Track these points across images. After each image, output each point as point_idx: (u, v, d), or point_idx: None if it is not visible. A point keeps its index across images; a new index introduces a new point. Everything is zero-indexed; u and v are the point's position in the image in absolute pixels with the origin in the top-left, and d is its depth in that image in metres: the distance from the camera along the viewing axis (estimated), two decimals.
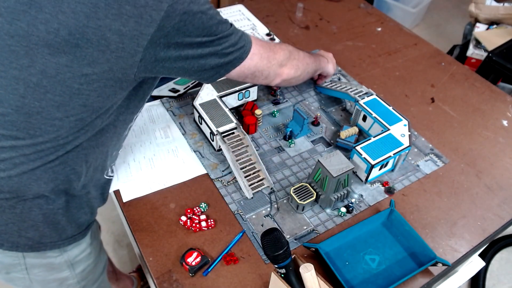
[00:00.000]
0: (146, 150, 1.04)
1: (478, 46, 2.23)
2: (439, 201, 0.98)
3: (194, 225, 0.89)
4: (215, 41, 0.72)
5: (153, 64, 0.67)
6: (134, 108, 0.77)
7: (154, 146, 1.05)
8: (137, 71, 0.66)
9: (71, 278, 0.89)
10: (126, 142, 1.03)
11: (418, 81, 1.31)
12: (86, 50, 0.60)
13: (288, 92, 1.23)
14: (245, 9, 1.57)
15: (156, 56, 0.65)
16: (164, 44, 0.65)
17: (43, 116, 0.64)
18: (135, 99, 0.75)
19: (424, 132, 1.14)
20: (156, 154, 1.03)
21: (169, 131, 1.09)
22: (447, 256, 0.88)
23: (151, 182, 0.97)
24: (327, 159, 0.89)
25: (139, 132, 1.08)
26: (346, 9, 1.62)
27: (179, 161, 1.02)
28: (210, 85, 1.10)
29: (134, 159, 1.02)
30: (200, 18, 0.67)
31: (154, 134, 1.08)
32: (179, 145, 1.06)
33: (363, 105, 1.06)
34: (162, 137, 1.07)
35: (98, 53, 0.60)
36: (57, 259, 0.82)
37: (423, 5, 3.04)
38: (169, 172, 0.99)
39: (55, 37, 0.58)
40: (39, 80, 0.61)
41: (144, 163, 1.01)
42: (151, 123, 1.10)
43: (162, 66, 0.68)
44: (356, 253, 0.86)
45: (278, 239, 0.68)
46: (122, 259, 1.80)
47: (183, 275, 0.82)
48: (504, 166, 1.07)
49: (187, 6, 0.64)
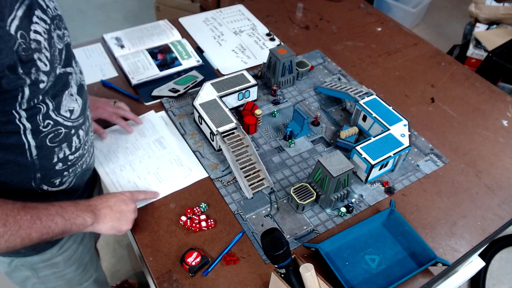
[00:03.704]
0: (147, 165, 1.01)
1: (478, 46, 2.23)
2: (439, 201, 0.98)
3: (194, 225, 0.89)
4: None
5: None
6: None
7: (155, 160, 1.02)
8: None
9: (34, 278, 0.92)
10: (124, 161, 1.01)
11: (418, 81, 1.31)
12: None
13: (288, 92, 1.23)
14: (245, 9, 1.57)
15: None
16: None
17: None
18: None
19: (424, 132, 1.14)
20: (159, 167, 1.00)
21: (164, 142, 1.06)
22: (447, 256, 0.88)
23: (162, 193, 0.96)
24: (327, 159, 0.89)
25: (133, 148, 1.04)
26: (346, 9, 1.62)
27: (185, 169, 1.00)
28: (210, 85, 1.10)
29: (139, 176, 0.98)
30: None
31: (150, 147, 1.05)
32: (180, 154, 1.04)
33: (363, 105, 1.06)
34: (159, 149, 1.04)
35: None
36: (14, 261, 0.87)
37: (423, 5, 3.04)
38: (177, 181, 0.98)
39: None
40: None
41: (150, 178, 0.98)
42: (142, 137, 1.07)
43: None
44: (356, 253, 0.86)
45: (278, 239, 0.68)
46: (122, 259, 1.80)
47: (183, 275, 0.82)
48: (504, 166, 1.07)
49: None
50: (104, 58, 1.30)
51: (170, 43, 1.35)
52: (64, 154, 0.77)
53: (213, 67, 1.30)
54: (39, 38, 0.63)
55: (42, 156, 0.73)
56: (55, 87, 0.69)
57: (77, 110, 0.77)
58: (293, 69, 1.21)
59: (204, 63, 1.30)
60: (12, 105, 0.64)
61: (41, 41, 0.63)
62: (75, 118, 0.77)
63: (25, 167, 0.73)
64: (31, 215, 0.67)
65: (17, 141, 0.69)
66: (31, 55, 0.62)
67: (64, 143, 0.76)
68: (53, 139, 0.74)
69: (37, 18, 0.64)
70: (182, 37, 1.39)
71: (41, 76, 0.65)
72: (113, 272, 1.75)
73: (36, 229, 0.67)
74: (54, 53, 0.67)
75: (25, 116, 0.67)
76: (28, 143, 0.70)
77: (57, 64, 0.68)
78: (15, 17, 0.59)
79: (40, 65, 0.64)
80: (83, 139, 0.82)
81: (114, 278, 1.72)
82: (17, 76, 0.61)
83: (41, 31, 0.64)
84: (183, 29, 1.45)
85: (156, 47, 1.33)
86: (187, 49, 1.33)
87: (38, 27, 0.63)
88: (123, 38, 1.35)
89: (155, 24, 1.43)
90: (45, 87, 0.66)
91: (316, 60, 1.35)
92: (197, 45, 1.38)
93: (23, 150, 0.70)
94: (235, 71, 1.19)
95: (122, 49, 1.31)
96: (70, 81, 0.74)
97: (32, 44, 0.62)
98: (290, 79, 1.23)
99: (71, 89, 0.75)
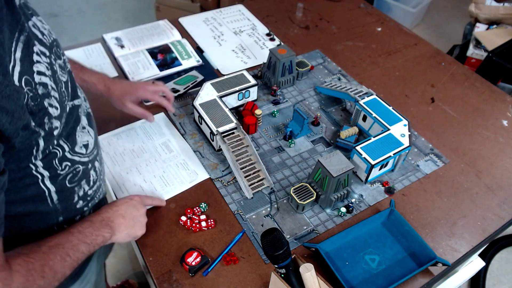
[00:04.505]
0: (153, 168, 1.00)
1: (478, 46, 2.23)
2: (439, 201, 0.98)
3: (194, 225, 0.89)
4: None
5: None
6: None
7: (161, 163, 1.01)
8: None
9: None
10: (130, 163, 1.01)
11: (418, 81, 1.31)
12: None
13: (288, 92, 1.23)
14: (245, 9, 1.57)
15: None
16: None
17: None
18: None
19: (424, 132, 1.14)
20: (165, 171, 1.00)
21: (171, 145, 1.06)
22: (447, 256, 0.88)
23: (168, 197, 0.95)
24: (327, 159, 0.89)
25: (140, 151, 1.04)
26: (346, 9, 1.62)
27: (191, 173, 1.00)
28: (210, 85, 1.10)
29: (144, 179, 0.98)
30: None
31: (156, 150, 1.04)
32: (186, 158, 1.03)
33: (363, 105, 1.06)
34: (165, 152, 1.04)
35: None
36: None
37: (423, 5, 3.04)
38: (183, 186, 0.97)
39: None
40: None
41: (156, 182, 0.97)
42: (149, 140, 1.07)
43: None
44: (356, 253, 0.86)
45: (278, 239, 0.68)
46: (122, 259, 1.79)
47: (183, 275, 0.82)
48: (504, 166, 1.07)
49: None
50: (104, 58, 1.30)
51: (170, 43, 1.35)
52: (83, 191, 0.75)
53: (213, 67, 1.30)
54: (45, 80, 0.58)
55: (63, 198, 0.70)
56: (67, 126, 0.66)
57: (91, 143, 0.74)
58: (293, 69, 1.21)
59: (204, 63, 1.30)
60: (28, 160, 0.60)
61: (47, 83, 0.58)
62: (90, 151, 0.74)
63: (47, 214, 0.69)
64: (60, 255, 0.64)
65: (37, 191, 0.65)
66: (41, 103, 0.57)
67: (82, 180, 0.73)
68: (72, 179, 0.70)
69: (37, 54, 0.58)
70: (182, 37, 1.39)
71: (54, 123, 0.61)
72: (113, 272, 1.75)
73: (68, 266, 0.66)
74: (61, 90, 0.63)
75: (41, 166, 0.63)
76: (48, 190, 0.67)
77: (65, 100, 0.64)
78: (15, 62, 0.52)
79: (51, 112, 0.59)
80: (99, 170, 0.79)
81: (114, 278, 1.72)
82: (30, 131, 0.56)
83: (44, 70, 0.59)
84: (183, 29, 1.45)
85: (156, 47, 1.33)
86: (187, 49, 1.33)
87: (41, 66, 0.58)
88: (123, 38, 1.35)
89: (155, 24, 1.43)
90: (59, 132, 0.63)
91: (316, 60, 1.35)
92: (197, 45, 1.38)
93: (44, 198, 0.67)
94: (235, 71, 1.19)
95: (122, 49, 1.31)
96: (79, 114, 0.71)
97: (39, 89, 0.57)
98: (290, 79, 1.23)
99: (82, 122, 0.71)
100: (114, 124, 1.10)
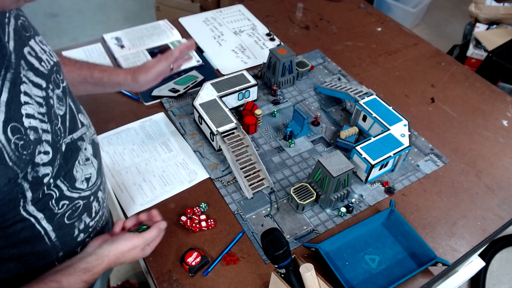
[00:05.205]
0: (153, 168, 1.00)
1: (478, 46, 2.23)
2: (439, 201, 0.98)
3: (194, 225, 0.88)
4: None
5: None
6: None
7: (161, 163, 1.01)
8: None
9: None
10: (130, 163, 1.00)
11: (418, 81, 1.31)
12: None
13: (288, 92, 1.23)
14: (245, 9, 1.57)
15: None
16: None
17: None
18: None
19: (424, 132, 1.14)
20: (165, 170, 1.00)
21: (170, 145, 1.06)
22: (447, 256, 0.88)
23: (166, 196, 0.95)
24: (327, 159, 0.89)
25: (140, 151, 1.04)
26: (346, 9, 1.62)
27: (190, 173, 1.00)
28: (210, 85, 1.10)
29: (144, 179, 0.98)
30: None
31: (156, 150, 1.04)
32: (186, 157, 1.03)
33: (363, 105, 1.06)
34: (165, 152, 1.04)
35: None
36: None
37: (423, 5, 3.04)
38: (182, 186, 0.97)
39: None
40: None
41: (155, 181, 0.97)
42: (149, 140, 1.06)
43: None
44: (356, 253, 0.86)
45: (278, 239, 0.68)
46: None
47: (183, 275, 0.82)
48: (504, 166, 1.07)
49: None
50: (104, 58, 1.30)
51: (170, 43, 1.35)
52: (84, 224, 0.69)
53: (213, 67, 1.30)
54: (34, 124, 0.51)
55: (62, 235, 0.65)
56: (66, 164, 0.60)
57: (94, 175, 0.68)
58: (293, 69, 1.21)
59: (204, 63, 1.30)
60: (15, 210, 0.55)
61: (37, 126, 0.52)
62: (92, 184, 0.68)
63: (46, 253, 0.64)
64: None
65: (32, 232, 0.59)
66: (33, 151, 0.51)
67: (83, 214, 0.68)
68: (72, 216, 0.65)
69: (26, 95, 0.51)
70: (182, 37, 1.39)
71: (42, 171, 0.54)
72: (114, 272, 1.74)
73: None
74: (55, 128, 0.57)
75: (35, 209, 0.58)
76: (44, 230, 0.61)
77: (61, 139, 0.58)
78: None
79: (38, 160, 0.53)
80: (102, 199, 0.74)
81: (114, 278, 1.72)
82: (11, 185, 0.50)
83: (34, 112, 0.52)
84: (183, 29, 1.45)
85: (156, 47, 1.33)
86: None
87: (29, 108, 0.51)
88: (123, 38, 1.35)
89: (155, 24, 1.43)
90: (51, 177, 0.57)
91: (316, 60, 1.35)
92: (197, 45, 1.38)
93: (40, 238, 0.61)
94: (235, 71, 1.19)
95: (122, 49, 1.31)
96: (81, 146, 0.65)
97: (30, 134, 0.51)
98: (290, 79, 1.23)
99: (84, 154, 0.66)
100: (114, 124, 1.10)
